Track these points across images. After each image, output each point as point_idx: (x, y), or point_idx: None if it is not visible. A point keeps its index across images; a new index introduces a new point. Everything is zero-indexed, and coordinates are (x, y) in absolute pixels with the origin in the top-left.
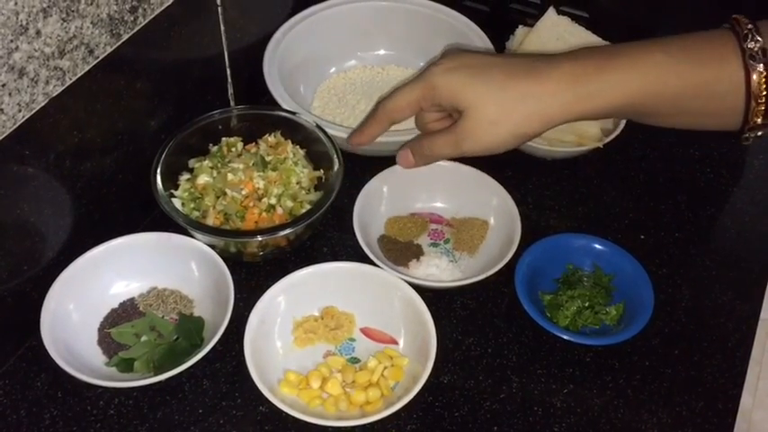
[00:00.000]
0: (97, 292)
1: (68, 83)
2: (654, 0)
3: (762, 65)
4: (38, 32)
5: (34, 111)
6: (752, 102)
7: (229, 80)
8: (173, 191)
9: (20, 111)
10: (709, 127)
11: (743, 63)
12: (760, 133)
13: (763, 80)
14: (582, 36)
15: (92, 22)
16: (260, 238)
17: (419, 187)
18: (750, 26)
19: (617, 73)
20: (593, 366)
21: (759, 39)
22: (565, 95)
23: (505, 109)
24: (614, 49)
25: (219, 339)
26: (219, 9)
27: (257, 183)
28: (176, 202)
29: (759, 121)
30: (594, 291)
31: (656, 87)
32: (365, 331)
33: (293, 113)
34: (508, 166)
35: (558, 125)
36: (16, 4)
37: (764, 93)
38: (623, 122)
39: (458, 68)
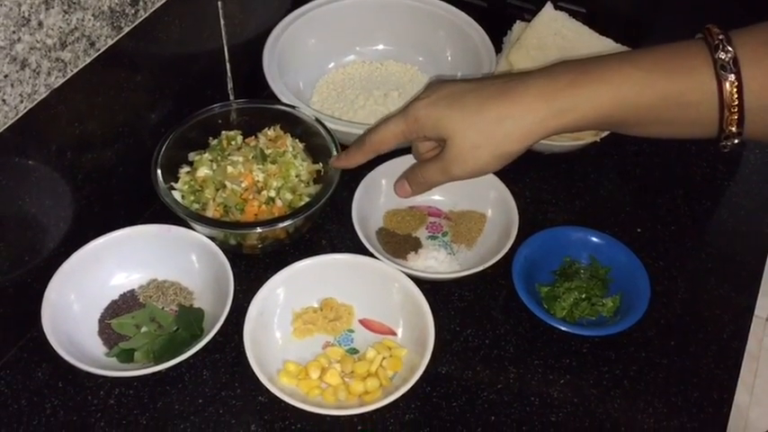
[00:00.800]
0: (98, 284)
1: (70, 74)
2: None
3: (733, 75)
4: (40, 24)
5: (36, 102)
6: (725, 111)
7: (229, 74)
8: (173, 183)
9: (22, 101)
10: (687, 136)
11: (714, 73)
12: (737, 141)
13: (735, 90)
14: (579, 31)
15: (93, 15)
16: (259, 230)
17: None
18: (721, 36)
19: (589, 88)
20: (589, 357)
21: (730, 49)
22: (539, 113)
23: (484, 133)
24: (586, 63)
25: (219, 330)
26: (219, 3)
27: (257, 175)
28: (176, 195)
29: (734, 129)
30: (591, 283)
31: (629, 99)
32: (364, 322)
33: (292, 107)
34: None
35: (538, 140)
36: None
37: (736, 102)
38: None
39: (437, 100)
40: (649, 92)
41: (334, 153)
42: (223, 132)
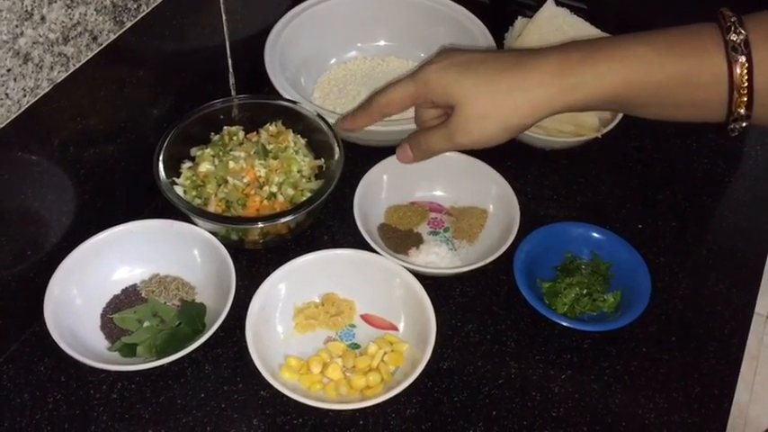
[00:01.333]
0: (100, 278)
1: (72, 69)
2: None
3: (743, 56)
4: (42, 18)
5: (39, 96)
6: (734, 93)
7: (231, 70)
8: (175, 178)
9: (24, 96)
10: (695, 118)
11: (725, 54)
12: (744, 124)
13: (745, 71)
14: (580, 27)
15: (95, 9)
16: (261, 226)
17: (419, 176)
18: (734, 19)
19: (600, 65)
20: (590, 352)
21: (742, 31)
22: (550, 87)
23: (494, 102)
24: (599, 41)
25: (221, 325)
26: None
27: (258, 171)
28: (178, 190)
29: (742, 111)
30: (593, 278)
31: (640, 78)
32: (365, 317)
33: (294, 103)
34: (507, 157)
35: (545, 116)
36: None
37: (746, 84)
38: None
39: (449, 66)
40: (659, 72)
41: (336, 148)
42: (225, 128)
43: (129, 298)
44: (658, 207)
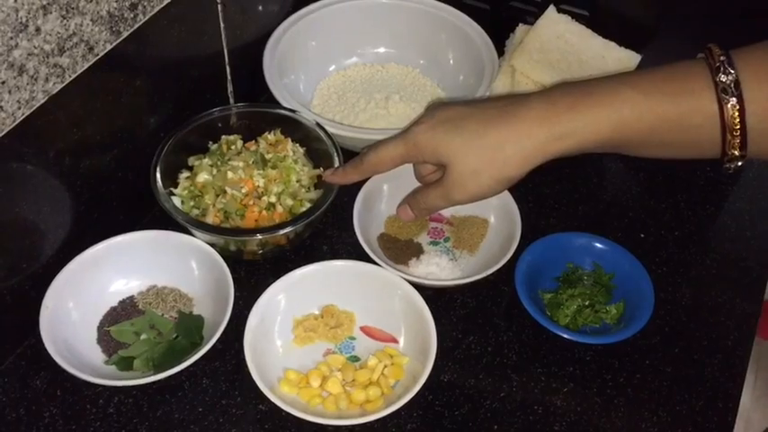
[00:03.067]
0: (96, 291)
1: (68, 80)
2: None
3: (734, 98)
4: (37, 30)
5: (34, 108)
6: (727, 134)
7: (229, 78)
8: (172, 189)
9: (19, 108)
10: (690, 156)
11: (716, 96)
12: (740, 163)
13: (737, 113)
14: (582, 34)
15: (92, 20)
16: (260, 237)
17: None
18: (723, 58)
19: (588, 112)
20: (593, 365)
21: (731, 71)
22: (539, 137)
23: (484, 158)
24: (585, 86)
25: (219, 338)
26: (219, 7)
27: (257, 181)
28: (176, 200)
29: (736, 152)
30: (595, 289)
31: (629, 123)
32: (365, 330)
33: (293, 111)
34: None
35: (539, 164)
36: (16, 1)
37: (738, 126)
38: None
39: (436, 125)
40: (649, 115)
41: (335, 157)
42: (223, 137)
43: (126, 310)
44: (661, 217)
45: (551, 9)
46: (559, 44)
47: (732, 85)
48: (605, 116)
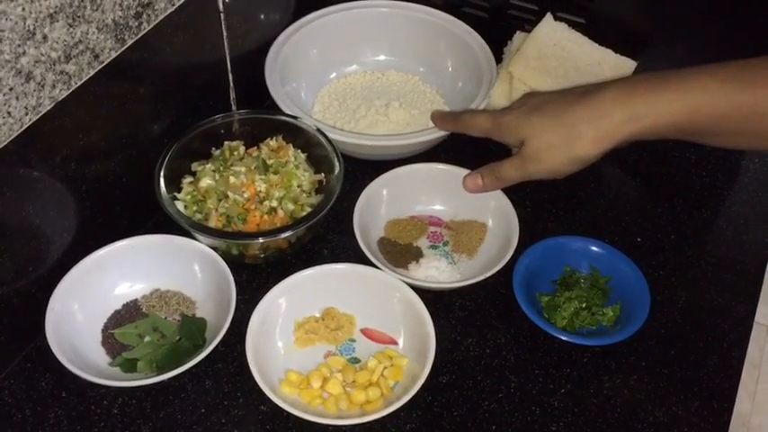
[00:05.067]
0: (101, 294)
1: (74, 87)
2: (650, 6)
3: None
4: (44, 37)
5: (40, 114)
6: None
7: (231, 85)
8: (175, 194)
9: (26, 114)
10: (760, 147)
11: None
12: None
13: None
14: (578, 42)
15: (97, 28)
16: (261, 241)
17: (418, 190)
18: None
19: (664, 95)
20: (590, 367)
21: None
22: (614, 117)
23: (559, 134)
24: (664, 74)
25: (221, 340)
26: (222, 15)
27: (259, 186)
28: (179, 205)
29: None
30: (592, 292)
31: (703, 108)
32: (365, 332)
33: (294, 118)
34: None
35: (611, 147)
36: (24, 9)
37: None
38: None
39: (520, 110)
40: (723, 101)
41: (336, 163)
42: (225, 143)
43: (129, 313)
44: (657, 220)
45: (548, 17)
46: (556, 51)
47: None
48: (680, 100)
